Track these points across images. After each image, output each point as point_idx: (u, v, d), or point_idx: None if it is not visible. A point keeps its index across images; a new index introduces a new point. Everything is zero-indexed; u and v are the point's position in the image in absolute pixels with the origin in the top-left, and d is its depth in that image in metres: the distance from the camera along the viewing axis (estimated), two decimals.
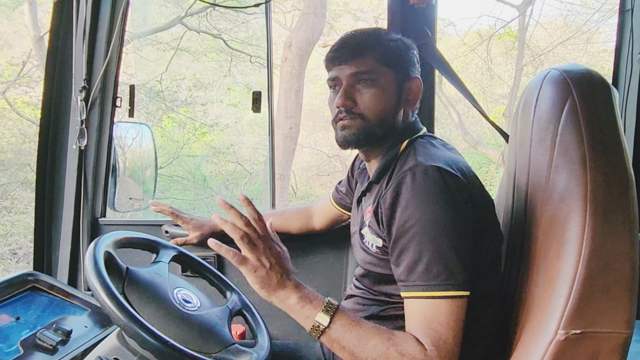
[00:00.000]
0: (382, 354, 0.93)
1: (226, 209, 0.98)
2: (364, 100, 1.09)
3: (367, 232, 1.12)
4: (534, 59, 7.19)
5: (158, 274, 1.19)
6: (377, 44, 1.10)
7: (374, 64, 1.09)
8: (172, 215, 1.62)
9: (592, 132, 0.91)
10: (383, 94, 1.09)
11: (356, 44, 1.10)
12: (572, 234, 0.88)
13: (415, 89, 1.14)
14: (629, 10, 1.75)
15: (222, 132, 7.72)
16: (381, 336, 0.95)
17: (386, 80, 1.10)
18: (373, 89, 1.09)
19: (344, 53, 1.10)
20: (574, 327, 0.86)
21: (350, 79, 1.10)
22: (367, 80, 1.09)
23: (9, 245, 6.00)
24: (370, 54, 1.09)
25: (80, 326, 1.28)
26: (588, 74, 0.97)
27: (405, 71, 1.12)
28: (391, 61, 1.10)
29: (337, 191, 1.54)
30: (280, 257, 1.01)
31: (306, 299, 0.98)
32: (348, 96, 1.10)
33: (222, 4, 6.14)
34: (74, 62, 1.66)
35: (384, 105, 1.10)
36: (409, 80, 1.13)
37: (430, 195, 0.96)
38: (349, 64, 1.09)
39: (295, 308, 0.98)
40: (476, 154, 7.84)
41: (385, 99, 1.10)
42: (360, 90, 1.09)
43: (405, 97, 1.13)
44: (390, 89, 1.10)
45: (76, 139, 1.67)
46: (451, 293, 0.94)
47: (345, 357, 0.97)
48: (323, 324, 0.96)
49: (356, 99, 1.10)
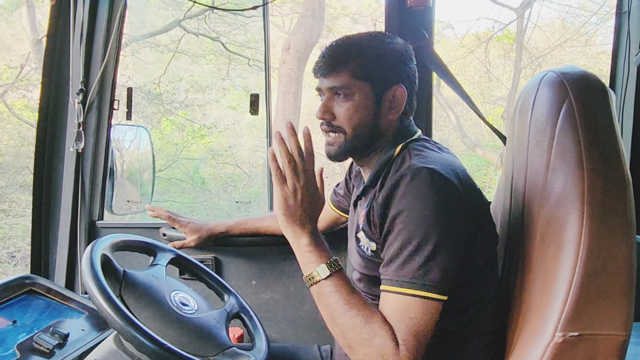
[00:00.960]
0: (357, 325, 0.95)
1: (290, 134, 1.01)
2: (340, 114, 1.11)
3: (362, 236, 1.12)
4: (532, 61, 7.20)
5: (155, 276, 1.18)
6: (353, 58, 1.10)
7: (348, 80, 1.09)
8: (169, 219, 1.62)
9: (589, 134, 0.91)
10: (358, 108, 1.10)
11: (334, 57, 1.11)
12: (569, 236, 0.88)
13: (399, 96, 1.13)
14: (625, 13, 1.75)
15: (220, 134, 7.71)
16: (364, 311, 0.96)
17: (361, 95, 1.10)
18: (348, 103, 1.10)
19: (323, 67, 1.12)
20: (572, 330, 0.87)
21: (330, 93, 1.12)
22: (344, 95, 1.10)
23: (6, 248, 5.98)
24: (346, 69, 1.10)
25: (77, 329, 1.28)
26: (585, 76, 0.97)
27: (384, 82, 1.11)
28: (367, 75, 1.10)
29: (335, 194, 1.54)
30: (314, 197, 1.03)
31: (317, 247, 1.02)
32: (326, 109, 1.12)
33: (220, 6, 6.16)
34: (71, 64, 1.66)
35: (359, 118, 1.11)
36: (389, 89, 1.12)
37: (421, 195, 0.96)
38: (328, 78, 1.11)
39: (303, 249, 1.02)
40: (475, 156, 7.84)
41: (360, 113, 1.10)
42: (339, 104, 1.11)
43: (386, 106, 1.12)
44: (366, 102, 1.11)
45: (73, 142, 1.67)
46: (422, 293, 0.94)
47: (325, 316, 1.00)
48: (319, 276, 0.99)
49: (334, 112, 1.12)
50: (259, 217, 1.69)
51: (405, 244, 0.95)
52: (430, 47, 1.61)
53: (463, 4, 13.33)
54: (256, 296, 1.75)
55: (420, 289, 0.94)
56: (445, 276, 0.95)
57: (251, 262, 1.74)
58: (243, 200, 6.94)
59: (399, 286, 0.95)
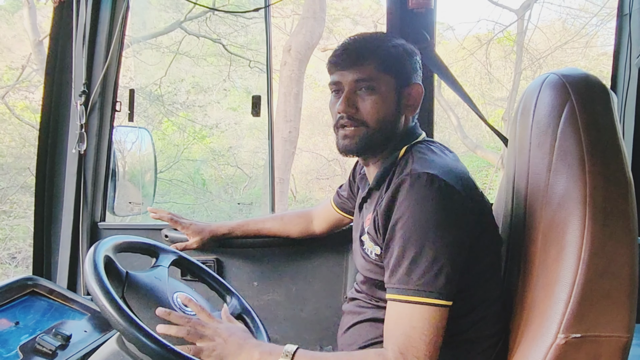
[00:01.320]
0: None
1: (165, 316, 1.03)
2: (365, 107, 1.09)
3: (367, 239, 1.13)
4: (533, 63, 7.21)
5: (158, 278, 1.18)
6: (378, 50, 1.10)
7: (374, 72, 1.09)
8: (170, 221, 1.62)
9: (590, 136, 0.91)
10: (383, 100, 1.09)
11: (358, 50, 1.10)
12: (571, 237, 0.88)
13: (416, 95, 1.14)
14: (627, 15, 1.76)
15: (221, 134, 7.72)
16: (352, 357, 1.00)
17: (386, 87, 1.10)
18: (374, 96, 1.09)
19: (346, 59, 1.10)
20: (574, 331, 0.87)
21: (352, 86, 1.10)
22: (368, 88, 1.09)
23: (7, 249, 5.99)
24: (372, 60, 1.09)
25: (79, 331, 1.28)
26: (586, 78, 0.98)
27: (405, 77, 1.12)
28: (391, 67, 1.10)
29: (338, 195, 1.54)
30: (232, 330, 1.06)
31: (267, 352, 1.02)
32: (349, 103, 1.10)
33: (221, 8, 6.17)
34: (73, 66, 1.66)
35: (384, 111, 1.10)
36: (409, 86, 1.13)
37: (420, 201, 0.96)
38: (351, 71, 1.09)
39: None
40: (475, 157, 7.85)
41: (385, 106, 1.10)
42: (362, 97, 1.10)
43: (405, 102, 1.13)
44: (390, 96, 1.10)
45: (76, 144, 1.67)
46: (428, 300, 0.95)
47: None
48: None
49: (358, 105, 1.10)
50: (261, 218, 1.69)
51: (408, 251, 0.96)
52: (432, 49, 1.61)
53: (464, 5, 13.37)
54: (258, 297, 1.75)
55: (427, 297, 0.94)
56: (450, 282, 0.96)
57: (253, 263, 1.74)
58: (244, 202, 6.95)
59: (405, 294, 0.96)
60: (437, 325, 0.95)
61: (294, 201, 7.75)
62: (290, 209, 6.76)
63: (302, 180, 8.36)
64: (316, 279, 1.74)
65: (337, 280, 1.74)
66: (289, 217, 1.67)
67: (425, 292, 0.94)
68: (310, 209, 1.67)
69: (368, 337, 1.15)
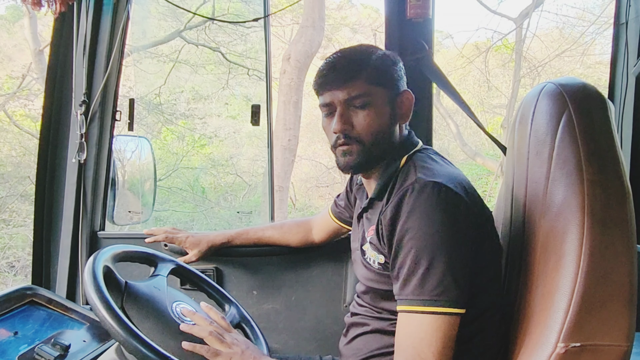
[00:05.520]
0: None
1: (191, 315, 1.09)
2: (360, 123, 1.09)
3: (369, 248, 1.12)
4: (531, 71, 7.24)
5: (157, 287, 1.18)
6: (365, 64, 1.10)
7: (366, 86, 1.08)
8: (167, 239, 1.62)
9: (588, 145, 0.92)
10: (377, 114, 1.09)
11: (346, 67, 1.09)
12: (570, 246, 0.88)
13: (407, 102, 1.14)
14: (623, 24, 1.77)
15: (221, 142, 7.74)
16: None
17: (379, 100, 1.10)
18: (367, 111, 1.09)
19: (335, 78, 1.09)
20: (574, 340, 0.86)
21: (345, 104, 1.09)
22: (361, 103, 1.08)
23: (6, 258, 5.98)
24: (361, 76, 1.08)
25: (78, 340, 1.28)
26: (584, 87, 0.98)
27: (395, 87, 1.13)
28: (381, 79, 1.10)
29: (336, 205, 1.54)
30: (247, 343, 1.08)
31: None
32: (345, 121, 1.09)
33: (221, 17, 6.20)
34: (74, 76, 1.67)
35: (379, 125, 1.10)
36: (400, 95, 1.13)
37: (429, 210, 0.96)
38: (342, 89, 1.08)
39: None
40: (475, 165, 7.85)
41: (380, 119, 1.10)
42: (356, 113, 1.09)
43: (399, 112, 1.13)
44: (384, 108, 1.10)
45: (76, 153, 1.68)
46: (443, 309, 0.94)
47: None
48: None
49: (353, 122, 1.09)
50: (260, 227, 1.69)
51: (420, 262, 0.95)
52: (430, 58, 1.62)
53: (463, 14, 13.46)
54: (257, 306, 1.75)
55: (442, 306, 0.94)
56: (462, 290, 0.96)
57: (252, 272, 1.74)
58: (244, 210, 6.94)
59: (421, 305, 0.95)
60: (452, 335, 0.95)
61: (294, 209, 7.75)
62: (289, 216, 6.76)
63: (301, 188, 8.36)
64: (315, 288, 1.74)
65: (336, 289, 1.74)
66: (288, 226, 1.67)
67: (440, 301, 0.94)
68: (310, 218, 1.67)
69: (372, 348, 1.15)
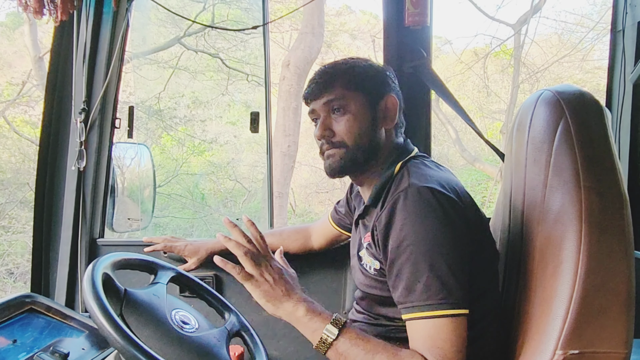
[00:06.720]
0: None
1: (230, 227, 1.03)
2: (340, 128, 1.13)
3: (365, 254, 1.13)
4: (530, 76, 7.25)
5: (156, 295, 1.18)
6: (343, 72, 1.15)
7: (342, 91, 1.13)
8: (165, 248, 1.63)
9: (585, 153, 0.92)
10: (356, 118, 1.13)
11: (325, 76, 1.15)
12: (567, 253, 0.89)
13: (391, 106, 1.17)
14: (620, 31, 1.78)
15: (220, 148, 7.74)
16: (387, 352, 0.96)
17: (357, 104, 1.13)
18: (347, 116, 1.13)
19: (316, 88, 1.15)
20: (572, 347, 0.87)
21: (325, 110, 1.15)
22: (339, 107, 1.13)
23: (5, 264, 5.96)
24: (338, 82, 1.14)
25: (77, 348, 1.27)
26: (581, 95, 0.99)
27: (376, 91, 1.16)
28: (359, 85, 1.14)
29: (336, 211, 1.54)
30: (282, 273, 1.04)
31: (314, 312, 1.01)
32: (325, 127, 1.14)
33: (220, 26, 6.22)
34: (73, 83, 1.68)
35: (359, 128, 1.13)
36: (382, 99, 1.16)
37: (423, 215, 0.97)
38: (321, 96, 1.14)
39: (303, 320, 1.00)
40: (474, 170, 7.85)
41: (360, 123, 1.13)
42: (336, 120, 1.14)
43: (381, 115, 1.16)
44: (363, 111, 1.14)
45: (75, 160, 1.68)
46: (451, 311, 0.95)
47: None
48: (331, 337, 0.97)
49: (333, 128, 1.14)
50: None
51: (420, 267, 0.96)
52: (428, 66, 1.63)
53: (461, 20, 13.50)
54: (257, 314, 1.73)
55: (449, 308, 0.95)
56: (465, 290, 0.96)
57: None
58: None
59: (429, 310, 0.95)
60: (463, 335, 0.96)
61: (293, 215, 7.75)
62: (289, 222, 6.75)
63: (301, 193, 8.36)
64: (315, 295, 1.71)
65: (335, 296, 1.73)
66: (287, 232, 1.67)
67: (447, 304, 0.95)
68: (309, 224, 1.67)
69: None
